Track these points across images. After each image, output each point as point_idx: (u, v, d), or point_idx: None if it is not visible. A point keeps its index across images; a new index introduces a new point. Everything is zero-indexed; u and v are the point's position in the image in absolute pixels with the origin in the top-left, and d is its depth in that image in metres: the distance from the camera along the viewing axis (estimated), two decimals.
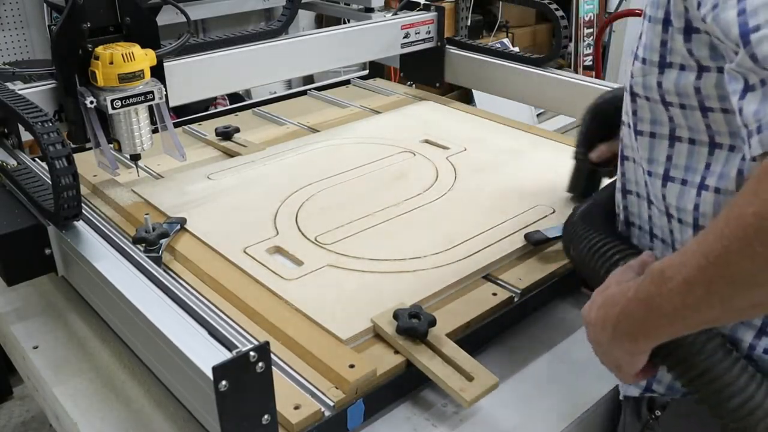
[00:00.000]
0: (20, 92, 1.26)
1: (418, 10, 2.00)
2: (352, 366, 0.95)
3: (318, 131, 1.79)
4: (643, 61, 0.81)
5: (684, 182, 0.81)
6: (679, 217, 0.82)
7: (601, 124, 1.16)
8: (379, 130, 1.74)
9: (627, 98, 0.87)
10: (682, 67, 0.77)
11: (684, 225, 0.82)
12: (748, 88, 0.64)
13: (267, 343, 0.76)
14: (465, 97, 3.31)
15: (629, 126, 0.89)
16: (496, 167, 1.54)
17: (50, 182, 1.04)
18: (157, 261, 1.17)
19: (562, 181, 1.32)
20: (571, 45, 4.57)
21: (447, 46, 2.01)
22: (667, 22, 0.77)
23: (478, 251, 1.22)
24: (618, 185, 0.95)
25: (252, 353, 0.75)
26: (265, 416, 0.80)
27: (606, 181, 1.21)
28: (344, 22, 2.61)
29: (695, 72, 0.75)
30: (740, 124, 0.65)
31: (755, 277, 0.61)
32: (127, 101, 1.27)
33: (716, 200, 0.77)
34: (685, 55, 0.76)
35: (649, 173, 0.85)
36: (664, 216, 0.85)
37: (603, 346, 0.80)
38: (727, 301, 0.64)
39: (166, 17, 1.50)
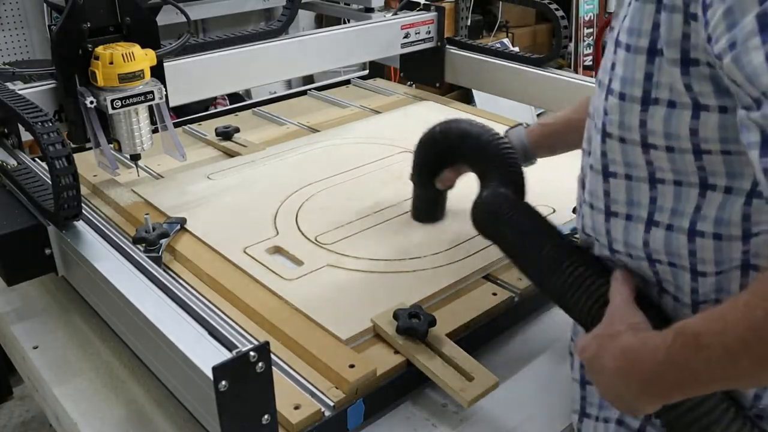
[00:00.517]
0: (20, 92, 1.26)
1: (418, 10, 2.00)
2: (352, 366, 0.95)
3: (318, 131, 1.79)
4: (621, 96, 0.72)
5: (669, 227, 0.74)
6: (670, 261, 0.75)
7: (433, 154, 1.24)
8: (379, 130, 1.74)
9: (595, 138, 0.79)
10: (672, 104, 0.69)
11: (675, 268, 0.76)
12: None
13: (267, 343, 0.76)
14: (465, 97, 3.31)
15: (594, 169, 0.80)
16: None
17: (50, 182, 1.04)
18: (157, 261, 1.17)
19: (562, 180, 1.31)
20: (571, 45, 4.57)
21: (447, 46, 2.01)
22: (653, 52, 0.69)
23: (478, 251, 1.22)
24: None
25: (252, 353, 0.75)
26: (265, 416, 0.80)
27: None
28: (344, 22, 2.61)
29: (690, 110, 0.67)
30: (764, 184, 0.59)
31: None
32: (127, 101, 1.27)
33: (716, 246, 0.71)
34: (678, 91, 0.68)
35: (628, 217, 0.78)
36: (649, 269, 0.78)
37: (620, 395, 0.73)
38: None
39: (166, 17, 1.50)
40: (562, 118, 1.17)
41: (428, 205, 1.31)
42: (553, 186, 1.27)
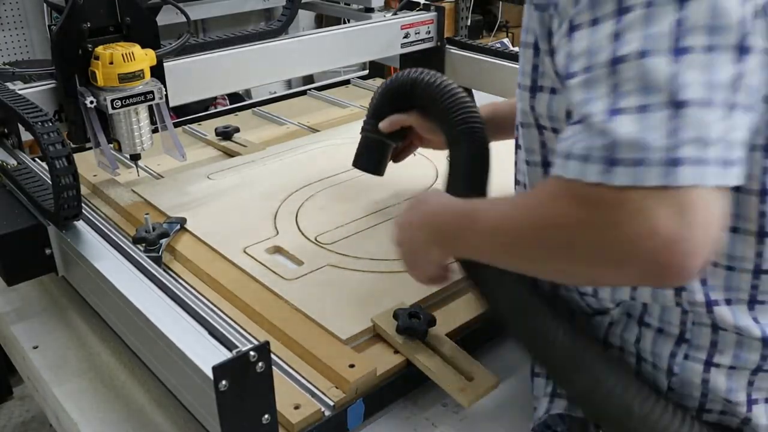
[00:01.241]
0: (20, 92, 1.26)
1: (417, 10, 2.00)
2: (352, 366, 0.95)
3: (318, 131, 1.79)
4: (519, 86, 0.82)
5: None
6: None
7: (392, 103, 1.21)
8: None
9: (518, 129, 0.87)
10: (553, 90, 0.77)
11: None
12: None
13: (267, 343, 0.76)
14: None
15: (521, 159, 0.88)
16: (496, 167, 1.53)
17: (50, 182, 1.04)
18: (157, 261, 1.17)
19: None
20: None
21: (447, 46, 2.01)
22: (536, 46, 0.77)
23: None
24: None
25: (252, 353, 0.75)
26: (265, 416, 0.80)
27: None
28: (344, 22, 2.61)
29: (564, 95, 0.74)
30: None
31: (545, 263, 0.70)
32: (127, 101, 1.27)
33: None
34: (554, 78, 0.75)
35: None
36: None
37: (414, 245, 0.90)
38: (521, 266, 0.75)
39: (166, 17, 1.50)
40: (510, 102, 1.17)
41: (368, 152, 1.29)
42: None
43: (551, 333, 0.80)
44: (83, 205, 1.08)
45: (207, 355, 0.78)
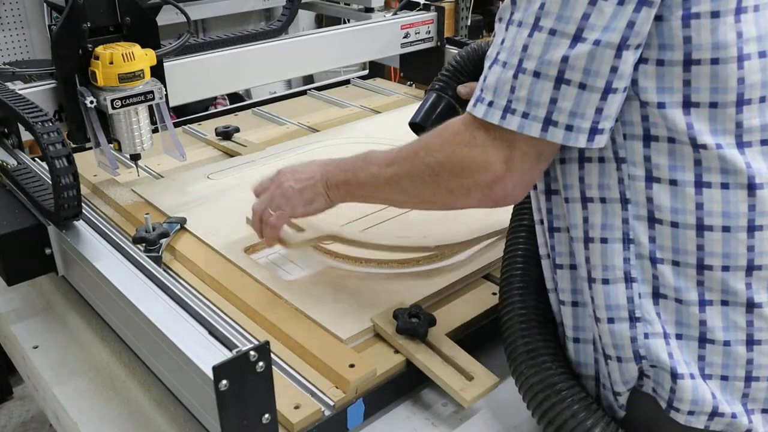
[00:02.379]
0: (20, 92, 1.26)
1: (417, 10, 2.00)
2: (352, 366, 0.95)
3: (318, 131, 1.79)
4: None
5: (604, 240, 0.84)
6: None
7: (477, 68, 1.17)
8: (379, 130, 1.74)
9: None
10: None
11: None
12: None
13: (267, 343, 0.76)
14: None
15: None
16: None
17: (50, 182, 1.04)
18: (157, 261, 1.17)
19: None
20: None
21: (447, 46, 2.01)
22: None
23: (478, 251, 1.22)
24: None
25: (252, 353, 0.75)
26: (265, 416, 0.80)
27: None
28: (344, 22, 2.61)
29: None
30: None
31: (419, 196, 0.92)
32: (127, 101, 1.28)
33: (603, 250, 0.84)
34: None
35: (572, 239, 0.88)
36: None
37: (289, 190, 1.06)
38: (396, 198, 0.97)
39: (166, 17, 1.50)
40: None
41: (435, 111, 1.21)
42: None
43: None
44: (83, 205, 1.08)
45: (207, 355, 0.78)
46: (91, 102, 1.27)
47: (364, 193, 1.01)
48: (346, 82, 2.23)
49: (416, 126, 1.23)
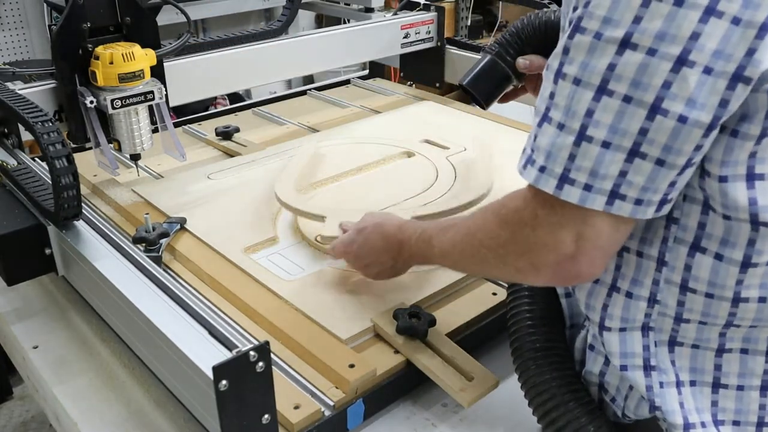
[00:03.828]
0: (20, 92, 1.26)
1: (418, 10, 2.00)
2: (352, 366, 0.95)
3: (318, 131, 1.79)
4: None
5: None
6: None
7: (542, 40, 1.10)
8: (379, 130, 1.74)
9: None
10: None
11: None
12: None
13: (267, 343, 0.76)
14: (465, 97, 3.31)
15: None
16: (496, 167, 1.53)
17: (50, 182, 1.04)
18: (157, 261, 1.17)
19: None
20: None
21: (447, 46, 2.01)
22: None
23: None
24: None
25: (252, 353, 0.75)
26: (265, 416, 0.80)
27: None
28: (344, 22, 2.61)
29: None
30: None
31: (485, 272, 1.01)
32: (127, 101, 1.27)
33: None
34: None
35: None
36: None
37: (368, 248, 1.04)
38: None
39: (166, 17, 1.50)
40: None
41: (489, 78, 1.16)
42: None
43: None
44: (83, 205, 1.08)
45: (207, 355, 0.78)
46: (91, 102, 1.27)
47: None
48: (346, 82, 2.23)
49: (464, 88, 1.18)
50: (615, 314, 0.80)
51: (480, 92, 1.17)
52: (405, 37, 1.94)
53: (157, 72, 1.33)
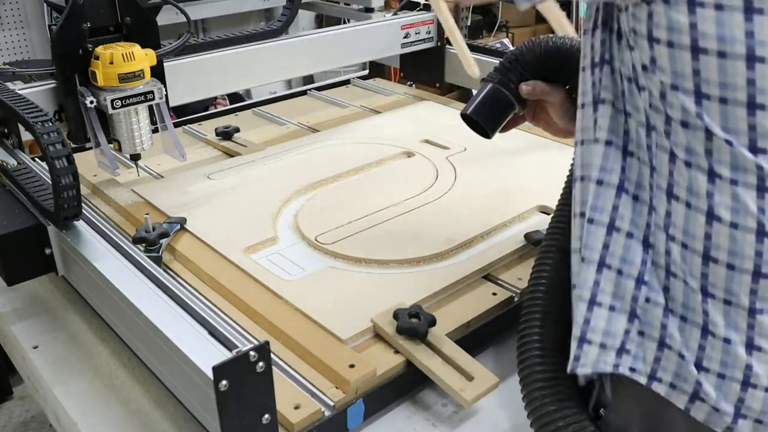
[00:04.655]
0: (20, 92, 1.26)
1: (418, 10, 2.00)
2: (352, 366, 0.95)
3: (318, 131, 1.79)
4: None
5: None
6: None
7: (545, 65, 1.09)
8: (379, 130, 1.75)
9: None
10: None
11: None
12: None
13: (267, 343, 0.76)
14: (465, 97, 3.29)
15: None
16: (496, 167, 1.54)
17: (50, 182, 1.04)
18: (157, 261, 1.17)
19: (562, 181, 1.31)
20: None
21: (447, 46, 2.01)
22: None
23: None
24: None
25: (252, 353, 0.75)
26: (265, 416, 0.80)
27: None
28: (344, 22, 2.61)
29: None
30: None
31: None
32: (127, 101, 1.27)
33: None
34: None
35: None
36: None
37: None
38: None
39: (166, 17, 1.50)
40: None
41: (492, 106, 1.13)
42: (553, 186, 1.27)
43: None
44: (83, 205, 1.08)
45: (207, 355, 0.78)
46: (91, 102, 1.27)
47: None
48: (346, 82, 2.23)
49: (467, 118, 1.17)
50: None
51: (485, 120, 1.15)
52: (405, 37, 1.93)
53: (157, 72, 1.33)
